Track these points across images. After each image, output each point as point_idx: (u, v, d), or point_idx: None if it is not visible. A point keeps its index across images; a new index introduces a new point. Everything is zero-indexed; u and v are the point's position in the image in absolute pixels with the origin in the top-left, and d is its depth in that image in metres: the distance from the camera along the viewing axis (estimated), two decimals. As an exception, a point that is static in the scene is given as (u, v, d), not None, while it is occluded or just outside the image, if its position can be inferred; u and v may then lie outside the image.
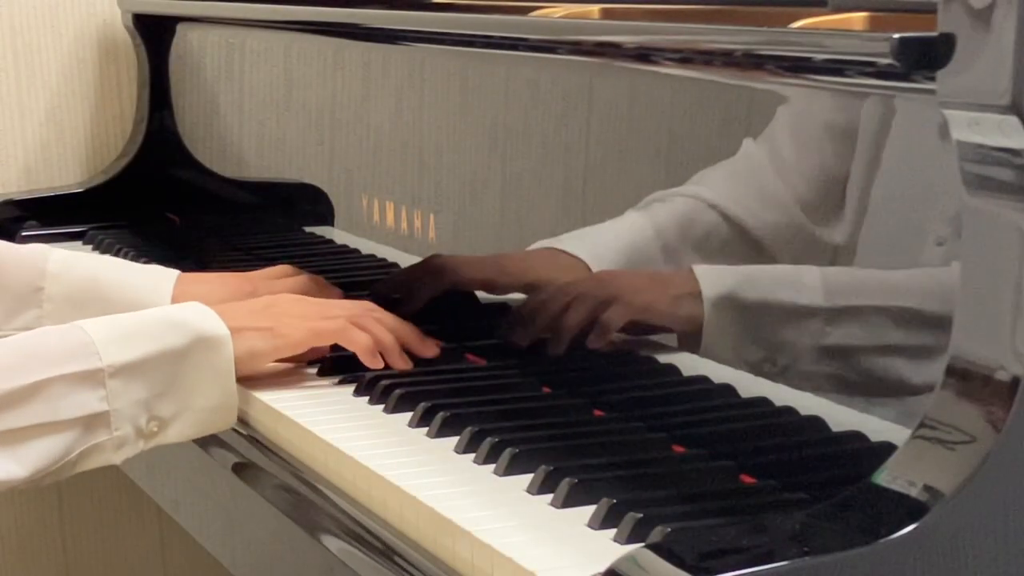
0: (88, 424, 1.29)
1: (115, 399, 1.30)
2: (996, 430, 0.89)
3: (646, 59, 1.26)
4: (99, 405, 1.29)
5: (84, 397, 1.29)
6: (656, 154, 1.28)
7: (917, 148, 1.03)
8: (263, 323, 1.39)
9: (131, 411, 1.31)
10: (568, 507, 1.09)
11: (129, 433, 1.31)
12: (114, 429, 1.30)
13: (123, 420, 1.30)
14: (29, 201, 2.21)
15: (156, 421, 1.32)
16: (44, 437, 1.28)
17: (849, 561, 0.87)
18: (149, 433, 1.32)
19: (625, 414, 1.26)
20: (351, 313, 1.43)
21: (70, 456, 1.29)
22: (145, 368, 1.31)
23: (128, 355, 1.30)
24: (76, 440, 1.29)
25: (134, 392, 1.30)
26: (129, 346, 1.31)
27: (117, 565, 2.39)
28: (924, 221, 1.02)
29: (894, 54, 0.95)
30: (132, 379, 1.30)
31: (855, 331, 1.09)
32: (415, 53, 1.63)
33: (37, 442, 1.27)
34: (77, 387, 1.28)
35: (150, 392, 1.31)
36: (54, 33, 2.28)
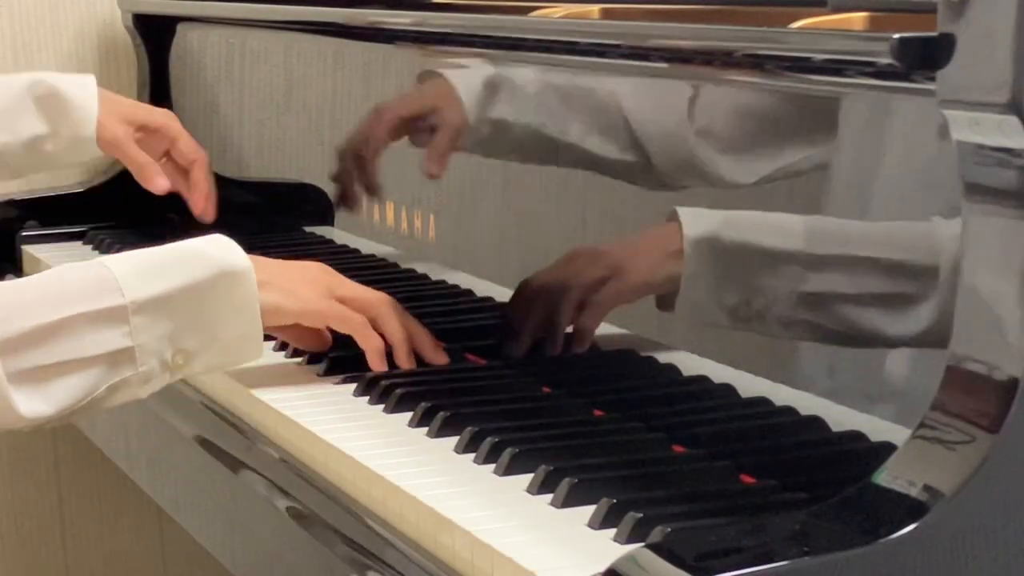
0: (113, 360, 1.29)
1: (139, 334, 1.30)
2: (996, 430, 0.89)
3: (646, 59, 1.26)
4: (123, 341, 1.29)
5: (108, 334, 1.29)
6: (656, 154, 1.28)
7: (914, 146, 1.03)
8: (289, 284, 1.39)
9: (156, 345, 1.31)
10: (568, 507, 1.09)
11: (155, 367, 1.31)
12: (140, 364, 1.30)
13: (148, 355, 1.30)
14: (29, 201, 2.21)
15: (182, 354, 1.32)
16: (70, 375, 1.28)
17: (849, 561, 0.87)
18: (175, 366, 1.33)
19: (625, 414, 1.26)
20: (371, 302, 1.43)
21: (97, 392, 1.29)
22: (169, 302, 1.31)
23: (151, 290, 1.30)
24: (102, 376, 1.29)
25: (158, 327, 1.30)
26: (152, 281, 1.31)
27: (117, 565, 2.39)
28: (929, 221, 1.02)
29: (894, 54, 0.95)
30: (156, 314, 1.30)
31: (835, 279, 1.10)
32: (415, 53, 1.63)
33: (63, 380, 1.28)
34: (100, 324, 1.28)
35: (175, 326, 1.31)
36: (54, 33, 2.28)
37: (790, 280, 1.11)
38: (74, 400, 1.29)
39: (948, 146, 0.93)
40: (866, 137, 1.07)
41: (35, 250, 2.12)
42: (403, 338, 1.42)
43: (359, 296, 1.43)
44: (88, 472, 2.34)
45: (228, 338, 1.35)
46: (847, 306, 1.08)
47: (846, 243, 1.08)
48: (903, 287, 1.03)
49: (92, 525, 2.37)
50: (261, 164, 2.04)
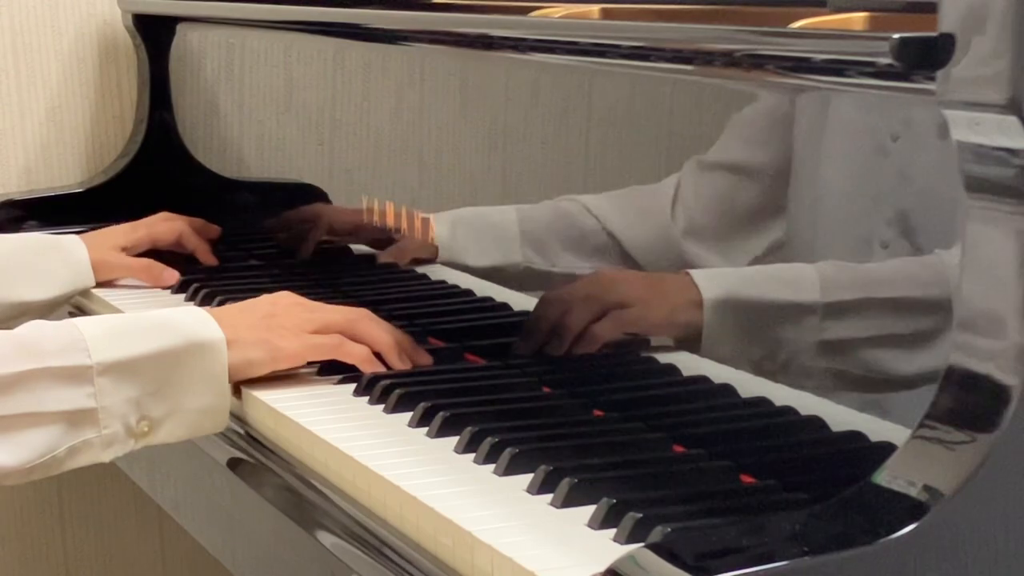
0: (75, 419, 1.29)
1: (104, 396, 1.30)
2: (996, 430, 0.89)
3: (646, 59, 1.26)
4: (86, 401, 1.29)
5: (71, 392, 1.29)
6: (656, 154, 1.28)
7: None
8: (260, 334, 1.39)
9: (121, 409, 1.31)
10: (568, 507, 1.09)
11: (119, 431, 1.31)
12: (103, 427, 1.30)
13: (112, 418, 1.30)
14: (29, 201, 2.21)
15: (147, 421, 1.32)
16: (30, 428, 1.28)
17: (849, 561, 0.87)
18: (140, 432, 1.33)
19: (625, 414, 1.26)
20: (347, 320, 1.43)
21: (57, 451, 1.29)
22: (136, 367, 1.31)
23: (119, 353, 1.31)
24: (63, 435, 1.29)
25: (124, 390, 1.31)
26: (121, 344, 1.31)
27: (117, 565, 2.39)
28: (926, 222, 1.03)
29: (894, 54, 0.95)
30: (122, 377, 1.31)
31: (851, 325, 1.10)
32: (415, 53, 1.63)
33: (22, 433, 1.27)
34: (64, 381, 1.29)
35: (141, 391, 1.31)
36: (54, 33, 2.28)
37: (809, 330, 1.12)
38: (33, 455, 1.28)
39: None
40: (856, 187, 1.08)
41: (35, 250, 2.12)
42: (390, 342, 1.42)
43: (332, 320, 1.43)
44: (88, 472, 2.33)
45: (194, 408, 1.34)
46: (867, 349, 1.08)
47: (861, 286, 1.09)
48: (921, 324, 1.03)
49: (92, 525, 2.37)
50: (261, 164, 2.04)
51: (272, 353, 1.39)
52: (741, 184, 1.17)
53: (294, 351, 1.41)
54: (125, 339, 1.32)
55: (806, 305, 1.11)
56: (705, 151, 1.22)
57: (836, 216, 1.08)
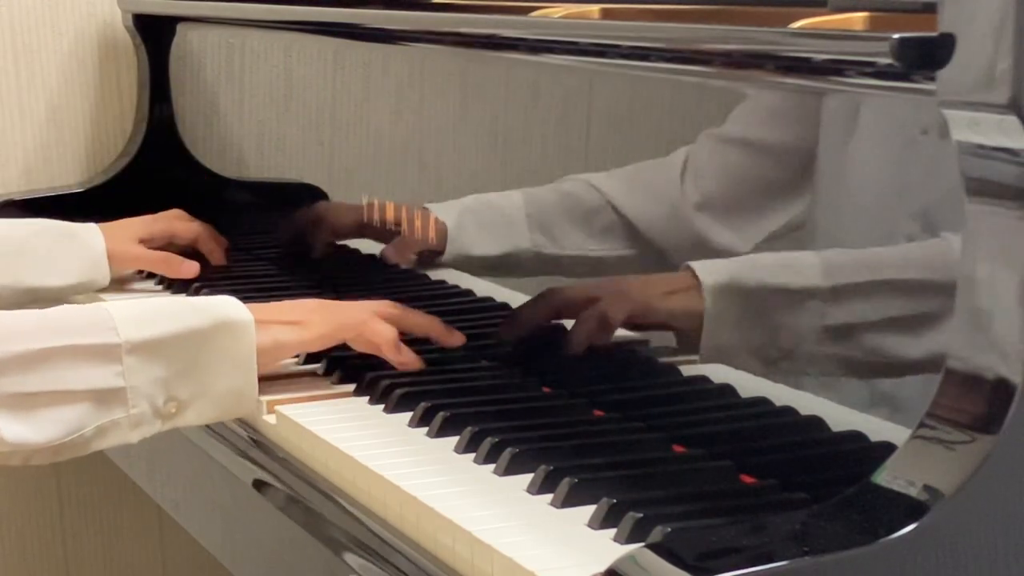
0: (102, 398, 1.28)
1: (132, 376, 1.29)
2: (996, 430, 0.89)
3: (646, 59, 1.26)
4: (115, 380, 1.29)
5: (99, 371, 1.28)
6: (656, 154, 1.28)
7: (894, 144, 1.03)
8: (289, 317, 1.40)
9: (148, 389, 1.30)
10: (568, 507, 1.09)
11: (146, 412, 1.30)
12: (131, 407, 1.29)
13: (140, 398, 1.29)
14: (29, 201, 2.21)
15: (174, 402, 1.31)
16: (56, 406, 1.27)
17: (849, 561, 0.87)
18: (167, 414, 1.32)
19: (625, 414, 1.26)
20: (375, 308, 1.44)
21: (84, 430, 1.28)
22: (164, 347, 1.30)
23: (147, 333, 1.30)
24: (90, 414, 1.28)
25: (152, 370, 1.30)
26: (149, 325, 1.30)
27: (117, 565, 2.39)
28: (927, 222, 1.02)
29: (894, 54, 0.95)
30: (151, 357, 1.30)
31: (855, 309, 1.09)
32: (415, 53, 1.63)
33: (49, 410, 1.27)
34: (91, 359, 1.28)
35: (169, 372, 1.31)
36: (54, 33, 2.28)
37: (813, 316, 1.11)
38: (60, 433, 1.27)
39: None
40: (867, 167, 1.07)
41: (35, 250, 2.12)
42: (429, 324, 1.43)
43: (359, 309, 1.44)
44: (88, 473, 2.34)
45: (222, 390, 1.34)
46: (872, 334, 1.08)
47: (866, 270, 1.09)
48: (925, 307, 1.03)
49: (92, 526, 2.37)
50: (261, 164, 2.04)
51: (300, 333, 1.40)
52: (759, 161, 1.16)
53: (323, 330, 1.41)
54: (153, 319, 1.31)
55: (808, 290, 1.11)
56: (720, 125, 1.21)
57: (860, 206, 1.07)
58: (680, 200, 1.22)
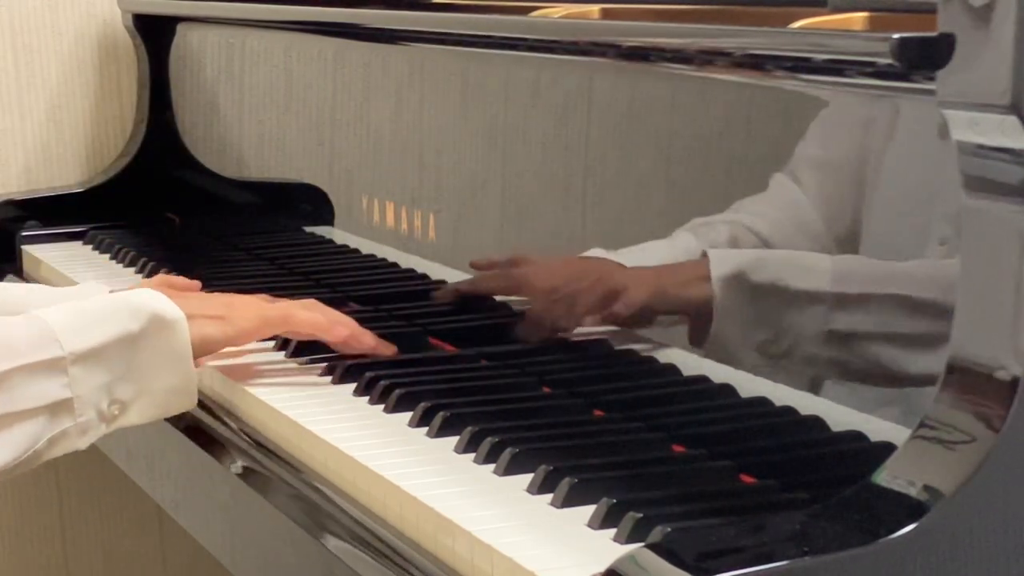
0: (53, 411, 1.30)
1: (77, 385, 1.31)
2: (996, 430, 0.89)
3: (646, 59, 1.26)
4: (62, 392, 1.31)
5: (47, 385, 1.30)
6: (656, 154, 1.28)
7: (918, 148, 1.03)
8: (214, 311, 1.42)
9: (94, 396, 1.32)
10: (568, 507, 1.09)
11: (92, 418, 1.33)
12: (78, 415, 1.32)
13: (86, 405, 1.32)
14: (29, 201, 2.21)
15: (117, 404, 1.34)
16: (11, 427, 1.29)
17: (849, 561, 0.87)
18: (111, 416, 1.34)
19: (625, 414, 1.26)
20: (301, 303, 1.48)
21: (38, 444, 1.30)
22: (105, 353, 1.33)
23: (88, 342, 1.32)
24: (43, 428, 1.30)
25: (95, 377, 1.32)
26: (89, 333, 1.32)
27: (117, 565, 2.39)
28: (926, 222, 1.02)
29: (894, 54, 0.95)
30: (93, 365, 1.32)
31: (859, 318, 1.09)
32: (415, 53, 1.63)
33: (5, 433, 1.28)
34: (40, 376, 1.30)
35: (111, 376, 1.33)
36: (54, 33, 2.28)
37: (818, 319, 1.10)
38: (17, 452, 1.29)
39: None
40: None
41: (35, 250, 2.12)
42: (349, 321, 1.47)
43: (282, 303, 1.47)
44: (88, 472, 2.34)
45: (161, 389, 1.36)
46: (875, 344, 1.07)
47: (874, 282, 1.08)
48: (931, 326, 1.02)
49: (92, 525, 2.37)
50: (261, 164, 2.04)
51: (226, 328, 1.42)
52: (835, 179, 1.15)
53: (247, 326, 1.43)
54: (92, 327, 1.33)
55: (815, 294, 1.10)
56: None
57: (895, 211, 1.06)
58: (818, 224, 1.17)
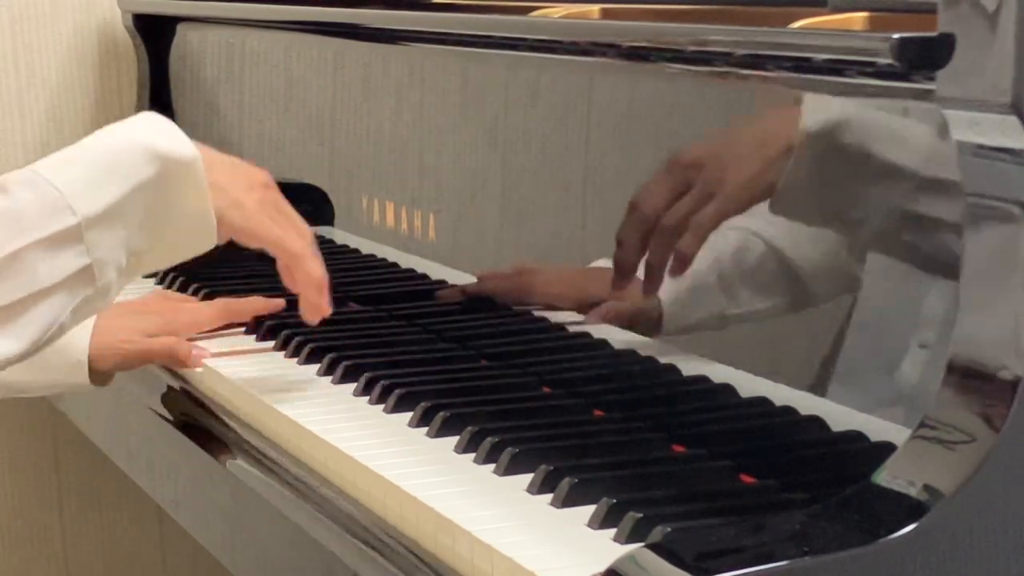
0: (72, 282, 1.24)
1: (95, 249, 1.24)
2: (996, 430, 0.89)
3: (646, 59, 1.26)
4: (80, 260, 1.23)
5: (64, 257, 1.23)
6: (656, 154, 1.28)
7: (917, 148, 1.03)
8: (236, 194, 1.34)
9: (112, 255, 1.25)
10: (568, 507, 1.09)
11: (112, 277, 1.26)
12: (98, 279, 1.25)
13: (105, 267, 1.25)
14: (29, 201, 2.20)
15: (135, 256, 1.27)
16: (33, 308, 1.22)
17: (849, 561, 0.87)
18: (130, 269, 1.28)
19: (625, 414, 1.26)
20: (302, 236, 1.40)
21: (62, 318, 1.24)
22: (120, 209, 1.25)
23: (102, 201, 1.24)
24: (64, 301, 1.24)
25: (112, 237, 1.25)
26: (101, 191, 1.24)
27: (117, 565, 2.39)
28: (929, 223, 1.02)
29: (894, 54, 0.95)
30: (109, 224, 1.24)
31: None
32: (415, 53, 1.63)
33: (28, 314, 1.22)
34: (55, 248, 1.22)
35: (128, 231, 1.26)
36: (54, 33, 2.28)
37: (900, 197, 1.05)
38: (41, 332, 1.23)
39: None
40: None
41: (35, 250, 2.11)
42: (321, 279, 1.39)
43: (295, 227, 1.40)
44: (88, 472, 2.34)
45: (180, 231, 1.29)
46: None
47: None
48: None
49: (92, 525, 2.37)
50: (261, 164, 2.04)
51: (242, 219, 1.34)
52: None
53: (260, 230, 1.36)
54: (104, 181, 1.25)
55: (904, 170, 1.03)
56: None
57: (900, 211, 1.05)
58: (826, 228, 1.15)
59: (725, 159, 1.22)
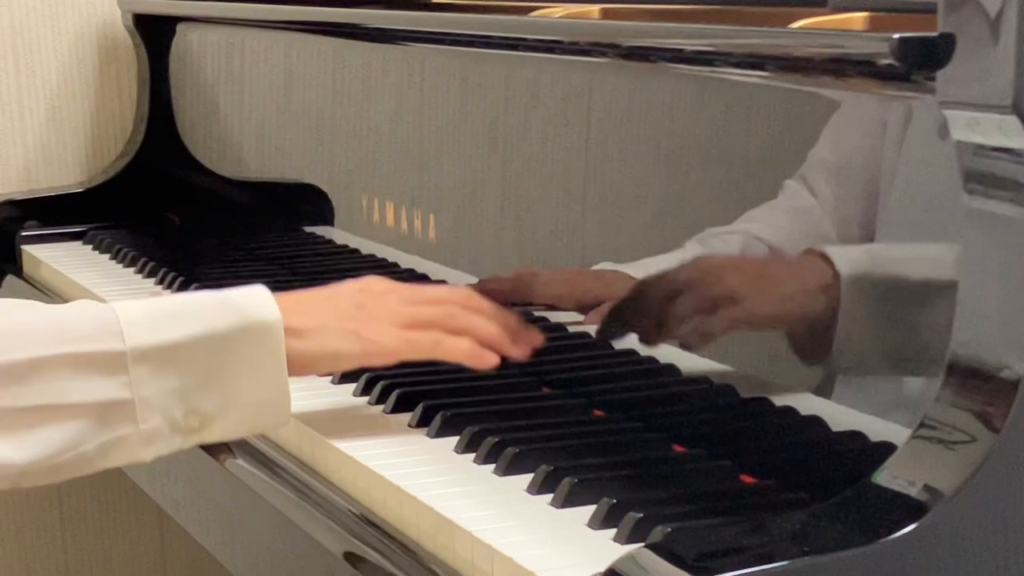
0: (106, 412, 1.15)
1: (141, 386, 1.15)
2: (996, 430, 0.89)
3: (646, 59, 1.26)
4: (120, 392, 1.15)
5: (101, 382, 1.14)
6: (656, 154, 1.28)
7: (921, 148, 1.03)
8: (349, 324, 1.24)
9: (162, 401, 1.16)
10: (568, 507, 1.09)
11: (161, 427, 1.16)
12: (141, 421, 1.15)
13: (151, 411, 1.15)
14: (29, 201, 2.21)
15: (196, 415, 1.17)
16: (52, 422, 1.14)
17: (849, 561, 0.87)
18: (188, 428, 1.18)
19: (625, 414, 1.26)
20: (446, 314, 1.28)
21: (85, 447, 1.15)
22: (179, 353, 1.16)
23: (158, 337, 1.16)
24: (91, 430, 1.15)
25: (165, 380, 1.16)
26: (161, 328, 1.16)
27: (117, 565, 2.39)
28: (929, 223, 1.02)
29: (894, 54, 0.95)
30: (163, 365, 1.16)
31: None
32: (415, 53, 1.63)
33: (43, 427, 1.14)
34: (92, 369, 1.14)
35: (187, 381, 1.16)
36: (54, 33, 2.28)
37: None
38: (53, 450, 1.14)
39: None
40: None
41: (35, 250, 2.12)
42: (496, 332, 1.27)
43: (430, 315, 1.27)
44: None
45: (251, 401, 1.19)
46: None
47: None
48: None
49: (92, 525, 2.37)
50: (261, 164, 2.04)
51: (364, 346, 1.24)
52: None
53: (388, 345, 1.25)
54: (166, 322, 1.16)
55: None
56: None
57: (905, 214, 1.05)
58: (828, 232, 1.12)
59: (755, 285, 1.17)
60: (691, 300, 1.20)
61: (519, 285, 1.44)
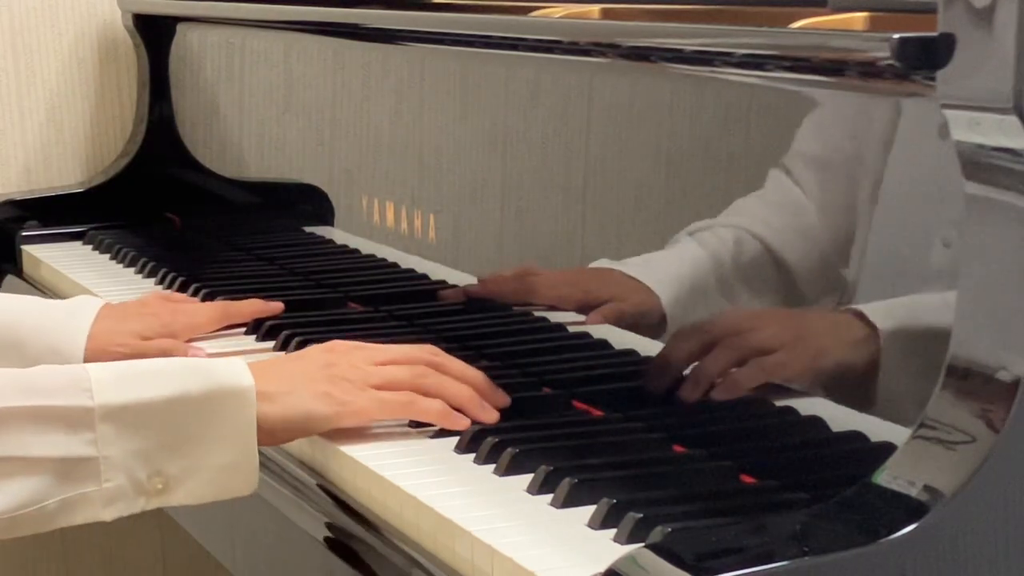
0: (69, 469, 1.14)
1: (106, 445, 1.14)
2: (996, 430, 0.89)
3: (646, 59, 1.26)
4: (84, 449, 1.14)
5: (65, 437, 1.14)
6: (656, 154, 1.28)
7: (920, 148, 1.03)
8: (320, 386, 1.24)
9: (126, 461, 1.15)
10: (568, 507, 1.09)
11: (123, 486, 1.16)
12: (104, 480, 1.15)
13: (115, 470, 1.15)
14: (29, 201, 2.21)
15: (160, 477, 1.17)
16: (13, 475, 1.13)
17: (849, 561, 0.87)
18: (152, 490, 1.17)
19: (625, 414, 1.26)
20: (414, 374, 1.27)
21: (46, 503, 1.14)
22: (147, 413, 1.16)
23: (127, 396, 1.15)
24: (53, 486, 1.14)
25: (131, 440, 1.15)
26: (131, 387, 1.16)
27: (117, 565, 2.39)
28: (930, 224, 1.02)
29: (894, 54, 0.95)
30: (130, 424, 1.15)
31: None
32: (415, 53, 1.63)
33: (3, 480, 1.13)
34: (59, 424, 1.14)
35: (153, 442, 1.16)
36: (54, 33, 2.28)
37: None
38: (11, 505, 1.13)
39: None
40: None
41: (35, 250, 2.12)
42: (467, 393, 1.27)
43: (398, 377, 1.27)
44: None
45: (217, 465, 1.18)
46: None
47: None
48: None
49: (92, 525, 2.37)
50: (261, 164, 2.04)
51: (336, 407, 1.24)
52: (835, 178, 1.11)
53: (361, 407, 1.25)
54: (137, 382, 1.16)
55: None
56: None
57: (900, 212, 1.05)
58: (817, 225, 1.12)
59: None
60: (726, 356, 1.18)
61: (519, 285, 1.44)
